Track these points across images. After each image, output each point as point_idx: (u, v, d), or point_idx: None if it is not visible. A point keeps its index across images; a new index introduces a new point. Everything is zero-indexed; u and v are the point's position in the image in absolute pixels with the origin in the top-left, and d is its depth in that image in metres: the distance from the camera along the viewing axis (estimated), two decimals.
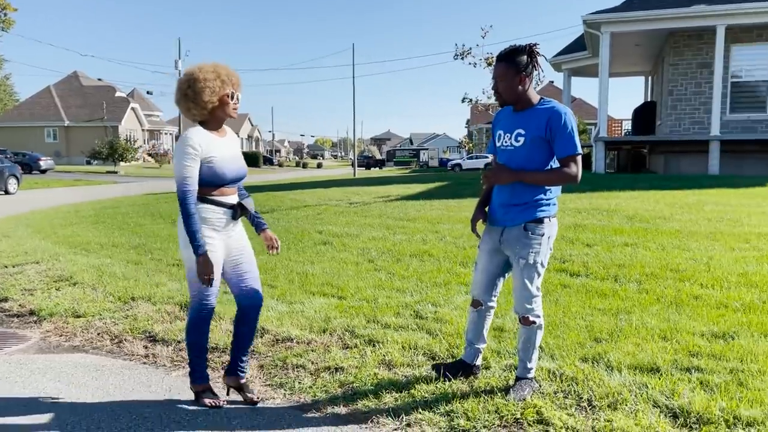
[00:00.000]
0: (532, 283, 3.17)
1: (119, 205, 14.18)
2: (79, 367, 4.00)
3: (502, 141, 3.24)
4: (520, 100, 3.14)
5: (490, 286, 3.36)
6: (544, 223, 3.15)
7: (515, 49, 3.10)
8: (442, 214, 9.13)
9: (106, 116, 53.65)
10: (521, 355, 3.29)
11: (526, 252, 3.12)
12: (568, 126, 3.04)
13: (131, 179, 35.17)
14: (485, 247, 3.33)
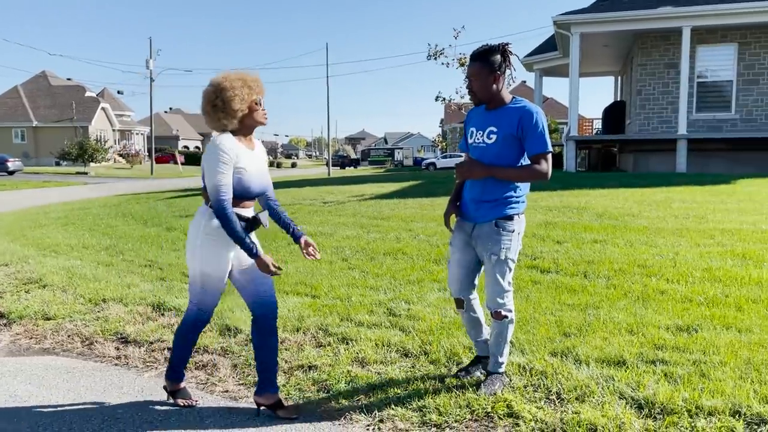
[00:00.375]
0: (504, 278, 3.23)
1: (90, 207, 13.98)
2: (50, 369, 3.96)
3: (474, 138, 3.30)
4: (493, 99, 3.21)
5: (467, 279, 3.39)
6: (514, 219, 3.22)
7: (489, 48, 3.17)
8: (415, 212, 9.20)
9: (76, 116, 52.77)
10: (493, 349, 3.35)
11: (498, 248, 3.19)
12: (539, 125, 3.12)
13: (102, 180, 34.64)
14: (457, 243, 3.38)
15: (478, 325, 3.51)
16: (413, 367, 3.69)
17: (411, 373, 3.59)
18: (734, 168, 15.69)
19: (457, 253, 3.38)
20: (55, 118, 53.25)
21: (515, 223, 3.23)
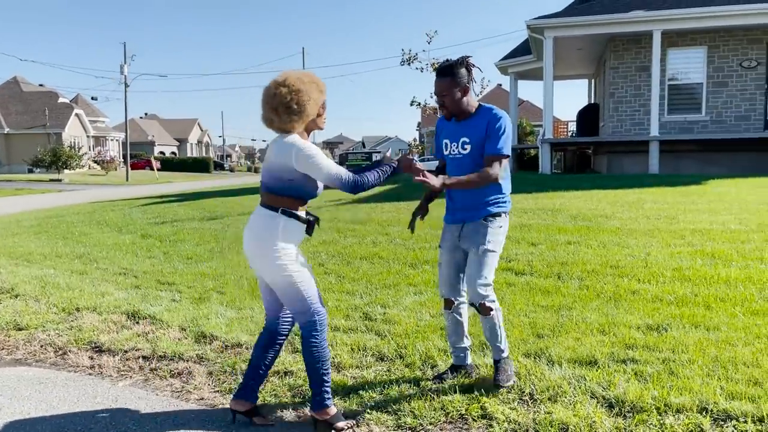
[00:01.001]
0: (486, 267, 3.27)
1: (64, 214, 13.78)
2: (23, 380, 3.91)
3: (449, 150, 3.43)
4: (463, 111, 3.34)
5: (456, 280, 3.48)
6: (501, 216, 3.38)
7: (453, 63, 3.29)
8: (392, 216, 9.23)
9: (49, 123, 51.99)
10: (491, 341, 3.41)
11: (484, 239, 3.28)
12: (502, 128, 3.25)
13: (77, 187, 34.15)
14: (446, 245, 3.48)
15: (460, 330, 3.55)
16: (389, 371, 3.71)
17: (386, 376, 3.62)
18: (705, 168, 15.99)
19: (446, 255, 3.47)
20: (28, 124, 52.39)
21: (502, 220, 3.38)
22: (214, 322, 4.68)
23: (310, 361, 3.01)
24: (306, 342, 3.00)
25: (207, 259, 7.18)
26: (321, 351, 3.00)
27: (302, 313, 2.98)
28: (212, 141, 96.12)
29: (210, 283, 5.93)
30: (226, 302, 5.24)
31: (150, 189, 30.33)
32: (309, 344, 2.99)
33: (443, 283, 3.53)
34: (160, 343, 4.35)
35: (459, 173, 3.31)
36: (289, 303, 2.99)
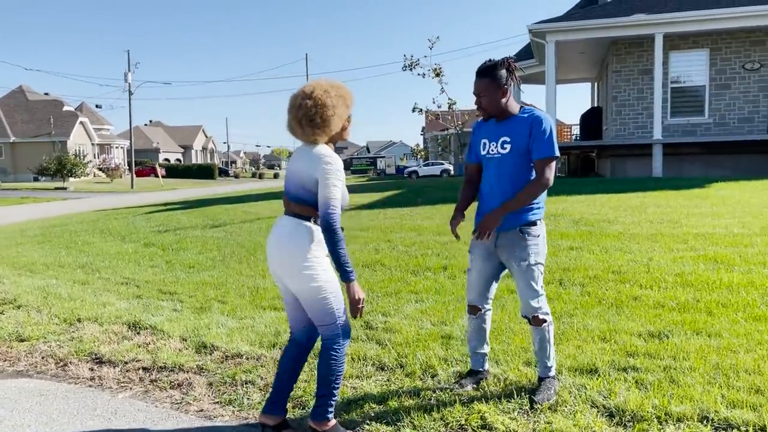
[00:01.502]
0: (536, 282, 3.27)
1: (68, 223, 13.83)
2: (23, 392, 3.92)
3: (488, 149, 3.36)
4: (503, 112, 3.29)
5: (485, 289, 3.46)
6: (538, 225, 3.31)
7: (495, 64, 3.24)
8: (395, 222, 9.22)
9: (54, 131, 52.24)
10: (539, 355, 3.37)
11: (526, 254, 3.24)
12: (547, 131, 3.21)
13: (82, 195, 34.30)
14: (479, 252, 3.41)
15: (482, 336, 3.55)
16: (389, 380, 3.70)
17: (386, 386, 3.60)
18: (709, 171, 15.94)
19: (479, 262, 3.41)
20: (33, 133, 52.67)
21: (539, 228, 3.31)
22: (214, 332, 4.68)
23: (325, 373, 2.96)
24: (325, 353, 2.96)
25: (209, 267, 7.19)
26: (339, 365, 2.97)
27: (328, 325, 2.94)
28: (217, 147, 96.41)
29: (212, 293, 5.93)
30: (227, 312, 5.24)
31: (155, 196, 30.43)
32: (329, 356, 2.95)
33: (472, 289, 3.50)
34: (161, 354, 4.35)
35: (495, 172, 3.30)
36: (315, 314, 2.93)
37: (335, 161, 2.86)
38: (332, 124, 2.90)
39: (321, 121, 2.87)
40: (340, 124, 2.95)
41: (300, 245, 2.85)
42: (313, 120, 2.87)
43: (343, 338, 2.97)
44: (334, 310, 2.92)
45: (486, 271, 3.44)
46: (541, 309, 3.32)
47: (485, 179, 3.42)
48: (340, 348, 2.97)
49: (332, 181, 2.82)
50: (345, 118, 2.98)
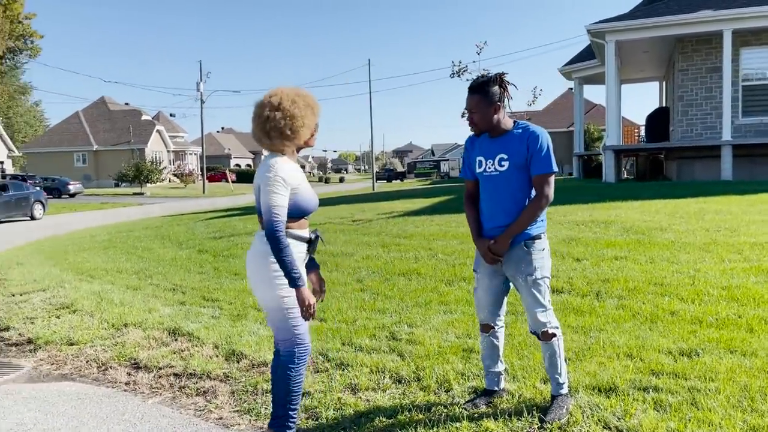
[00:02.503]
0: (543, 296, 3.24)
1: (134, 229, 14.52)
2: (63, 396, 4.16)
3: (484, 167, 3.32)
4: (495, 128, 3.26)
5: (495, 306, 3.42)
6: (542, 238, 3.27)
7: (486, 80, 3.23)
8: (439, 230, 9.19)
9: (133, 139, 54.88)
10: (550, 372, 3.31)
11: (532, 268, 3.20)
12: (544, 146, 3.18)
13: (156, 200, 35.87)
14: (484, 270, 3.36)
15: (495, 354, 3.51)
16: (403, 394, 3.71)
17: (400, 400, 3.61)
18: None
19: (485, 280, 3.38)
20: (114, 141, 55.51)
21: (543, 242, 3.27)
22: (245, 340, 4.81)
23: (279, 390, 2.97)
24: (282, 371, 2.97)
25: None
26: (294, 384, 2.96)
27: (284, 340, 2.96)
28: None
29: (250, 300, 6.11)
30: (261, 320, 5.39)
31: (224, 201, 31.47)
32: (284, 373, 2.96)
33: (481, 308, 3.46)
34: (192, 361, 4.53)
35: (495, 190, 3.26)
36: (275, 326, 2.97)
37: (280, 169, 2.83)
38: (301, 135, 2.92)
39: (291, 133, 2.89)
40: (308, 134, 2.97)
41: (265, 258, 2.87)
42: (282, 132, 2.88)
43: (297, 357, 2.96)
44: (294, 326, 2.92)
45: (493, 288, 3.40)
46: (550, 323, 3.26)
47: (484, 197, 3.37)
48: (295, 367, 2.96)
49: (272, 188, 2.79)
50: (313, 128, 2.99)
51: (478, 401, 3.47)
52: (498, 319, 3.48)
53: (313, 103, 2.99)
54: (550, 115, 47.21)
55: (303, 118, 2.90)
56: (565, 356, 3.43)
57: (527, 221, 3.21)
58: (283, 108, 2.88)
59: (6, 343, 5.58)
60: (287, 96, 2.92)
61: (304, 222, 3.04)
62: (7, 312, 6.52)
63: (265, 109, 2.91)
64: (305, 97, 2.98)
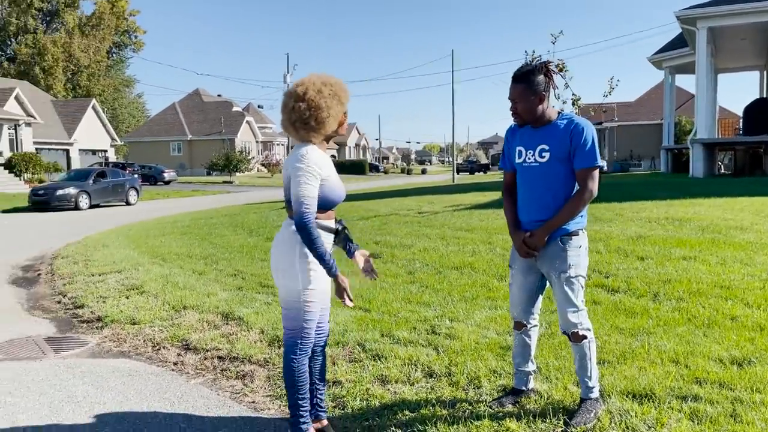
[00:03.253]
0: (576, 296, 3.11)
1: (215, 216, 15.15)
2: (116, 372, 4.41)
3: (524, 158, 3.23)
4: (539, 119, 3.16)
5: (529, 303, 3.33)
6: (579, 235, 3.14)
7: (531, 69, 3.11)
8: (503, 224, 8.99)
9: (224, 130, 57.12)
10: (580, 374, 3.19)
11: (566, 266, 3.10)
12: (589, 138, 3.06)
13: (243, 189, 37.21)
14: (519, 265, 3.29)
15: (527, 353, 3.42)
16: (432, 388, 3.68)
17: (427, 394, 3.59)
18: None
19: (520, 276, 3.30)
20: (207, 131, 57.99)
21: (581, 238, 3.15)
22: None
23: (286, 381, 3.00)
24: (285, 360, 2.99)
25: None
26: (297, 375, 2.97)
27: (291, 329, 2.97)
28: (369, 144, 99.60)
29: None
30: None
31: None
32: (287, 364, 2.98)
33: (515, 305, 3.39)
34: (237, 345, 4.68)
35: (531, 182, 3.18)
36: (283, 314, 2.99)
37: (310, 159, 2.80)
38: (327, 126, 2.88)
39: (316, 124, 2.85)
40: (335, 124, 2.93)
41: (289, 247, 2.89)
42: (307, 123, 2.85)
43: (299, 349, 2.95)
44: (302, 317, 2.92)
45: (528, 285, 3.31)
46: (581, 324, 3.14)
47: (521, 190, 3.28)
48: (297, 358, 2.96)
49: (302, 178, 2.77)
50: (340, 116, 2.95)
51: (504, 400, 3.40)
52: (531, 317, 3.38)
53: (340, 91, 2.93)
54: (642, 107, 45.09)
55: (328, 108, 2.86)
56: (596, 359, 3.29)
57: (567, 216, 3.09)
58: (309, 98, 2.84)
59: (79, 319, 5.98)
60: (313, 85, 2.88)
61: (331, 213, 3.03)
62: (84, 291, 6.98)
63: (291, 99, 2.89)
64: (332, 85, 2.92)
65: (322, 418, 3.23)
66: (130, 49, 74.28)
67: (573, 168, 3.11)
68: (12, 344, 5.20)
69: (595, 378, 3.22)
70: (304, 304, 2.92)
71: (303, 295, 2.91)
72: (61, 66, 58.65)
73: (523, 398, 3.42)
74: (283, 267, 2.93)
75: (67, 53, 58.81)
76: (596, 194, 3.15)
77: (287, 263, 2.90)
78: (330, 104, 2.87)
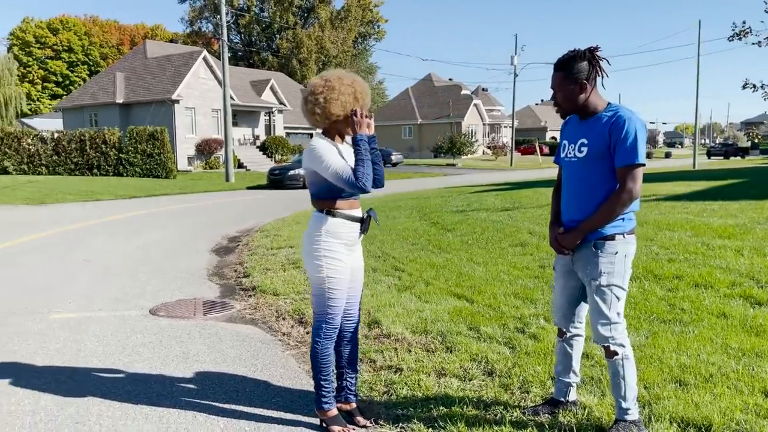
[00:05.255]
0: (610, 308, 2.86)
1: (404, 198, 15.79)
2: (234, 336, 4.98)
3: (566, 152, 3.06)
4: (582, 110, 2.95)
5: (570, 310, 3.12)
6: (616, 239, 2.85)
7: (573, 56, 2.92)
8: (683, 218, 8.05)
9: (452, 113, 58.44)
10: (614, 393, 2.95)
11: (597, 272, 2.85)
12: (630, 133, 2.78)
13: (464, 172, 37.85)
14: (560, 268, 3.11)
15: (568, 362, 3.21)
16: (480, 387, 3.61)
17: (471, 392, 3.53)
18: None
19: (560, 280, 3.12)
20: (435, 115, 59.91)
21: (618, 244, 2.85)
22: (390, 311, 5.09)
23: (312, 362, 3.19)
24: (312, 342, 3.19)
25: (455, 249, 7.59)
26: (320, 357, 3.14)
27: (317, 314, 3.17)
28: None
29: (429, 273, 6.35)
30: (419, 293, 5.61)
31: (523, 174, 31.74)
32: (313, 345, 3.17)
33: (555, 310, 3.21)
34: None
35: (570, 179, 2.99)
36: (313, 299, 3.17)
37: (321, 144, 3.00)
38: (333, 107, 3.00)
39: (324, 101, 3.01)
40: (341, 112, 3.02)
41: (314, 237, 3.08)
42: (317, 100, 3.02)
43: (323, 333, 3.12)
44: (327, 304, 3.08)
45: (568, 289, 3.08)
46: (613, 339, 2.86)
47: (563, 185, 3.06)
48: (320, 342, 3.13)
49: (324, 160, 2.96)
50: (349, 109, 3.03)
51: (540, 409, 3.22)
52: (572, 325, 3.14)
53: (357, 86, 3.06)
54: None
55: (339, 93, 3.00)
56: (635, 377, 2.94)
57: (603, 219, 2.84)
58: (327, 78, 3.04)
59: (240, 287, 6.83)
60: (335, 73, 3.08)
61: (355, 202, 3.15)
62: (257, 262, 7.91)
63: (306, 93, 3.11)
64: (354, 80, 3.08)
65: (351, 401, 3.37)
66: (373, 38, 79.34)
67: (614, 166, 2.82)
68: (178, 304, 6.14)
69: (632, 398, 2.90)
70: (328, 291, 3.10)
71: (326, 282, 3.09)
72: (314, 57, 64.89)
73: (561, 410, 3.20)
74: (308, 256, 3.14)
75: (318, 45, 64.87)
76: (638, 196, 2.82)
77: (311, 253, 3.11)
78: (343, 90, 3.02)
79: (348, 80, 3.05)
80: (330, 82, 3.02)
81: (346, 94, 3.02)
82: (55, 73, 73.34)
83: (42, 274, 7.34)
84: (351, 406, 3.37)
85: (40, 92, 72.09)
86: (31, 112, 66.43)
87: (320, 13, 65.96)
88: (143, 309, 5.80)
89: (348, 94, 3.03)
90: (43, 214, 14.70)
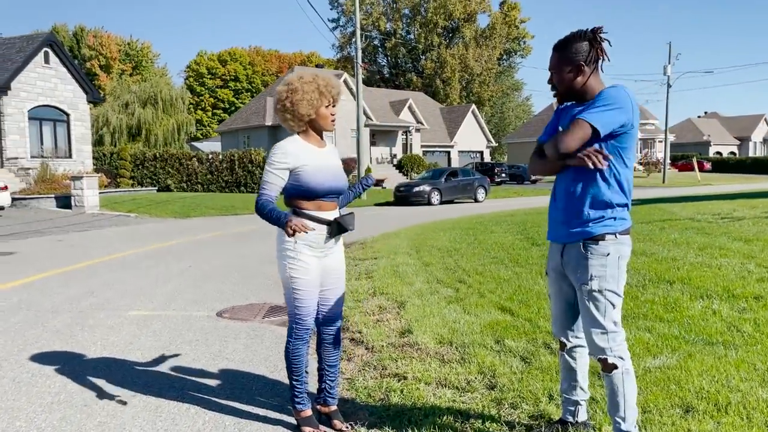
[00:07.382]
0: (604, 316, 2.57)
1: (533, 212, 15.28)
2: (274, 337, 5.04)
3: None
4: (580, 95, 2.69)
5: (568, 317, 2.84)
6: (607, 240, 2.57)
7: (572, 36, 2.69)
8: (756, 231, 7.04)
9: None
10: (610, 411, 2.66)
11: (587, 276, 2.57)
12: (602, 97, 2.54)
13: None
14: (552, 273, 2.85)
15: (572, 378, 2.93)
16: (477, 400, 3.41)
17: (461, 405, 3.36)
18: None
19: (553, 285, 2.86)
20: None
21: (610, 245, 2.57)
22: (427, 321, 4.97)
23: (285, 362, 3.20)
24: (286, 341, 3.20)
25: (529, 264, 7.22)
26: (291, 357, 3.15)
27: (288, 314, 3.17)
28: None
29: (488, 286, 6.10)
30: (466, 305, 5.42)
31: (671, 191, 29.42)
32: (285, 345, 3.18)
33: (553, 319, 2.95)
34: (374, 329, 4.95)
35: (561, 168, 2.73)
36: (285, 299, 3.17)
37: (280, 148, 3.01)
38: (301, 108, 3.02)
39: (291, 105, 3.04)
40: (311, 110, 3.04)
41: (279, 234, 3.10)
42: (284, 105, 3.06)
43: (294, 333, 3.13)
44: (296, 305, 3.09)
45: (562, 294, 2.80)
46: (610, 350, 2.56)
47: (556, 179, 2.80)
48: (292, 342, 3.14)
49: (267, 166, 3.02)
50: (319, 105, 3.04)
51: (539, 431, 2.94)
52: (572, 334, 2.85)
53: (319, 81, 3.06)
54: None
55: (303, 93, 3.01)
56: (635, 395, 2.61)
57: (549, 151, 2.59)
58: (288, 82, 3.08)
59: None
60: (296, 74, 3.12)
61: (325, 204, 3.10)
62: (353, 268, 8.05)
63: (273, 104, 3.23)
64: (315, 76, 3.09)
65: (330, 404, 3.33)
66: (519, 55, 78.11)
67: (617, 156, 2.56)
68: (245, 308, 6.40)
69: (632, 420, 2.58)
70: (293, 291, 3.10)
71: (291, 282, 3.09)
72: (457, 76, 65.21)
73: None
74: (277, 256, 3.16)
75: (462, 64, 65.13)
76: (566, 148, 2.50)
77: (278, 253, 3.14)
78: (306, 89, 3.03)
79: (308, 78, 3.06)
80: (291, 84, 3.06)
81: (310, 92, 3.03)
82: (223, 101, 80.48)
83: (146, 277, 8.05)
84: (330, 409, 3.33)
85: (210, 118, 79.46)
86: (202, 136, 73.51)
87: (465, 33, 66.21)
88: (213, 310, 6.14)
89: (311, 91, 3.03)
90: (183, 225, 16.16)
